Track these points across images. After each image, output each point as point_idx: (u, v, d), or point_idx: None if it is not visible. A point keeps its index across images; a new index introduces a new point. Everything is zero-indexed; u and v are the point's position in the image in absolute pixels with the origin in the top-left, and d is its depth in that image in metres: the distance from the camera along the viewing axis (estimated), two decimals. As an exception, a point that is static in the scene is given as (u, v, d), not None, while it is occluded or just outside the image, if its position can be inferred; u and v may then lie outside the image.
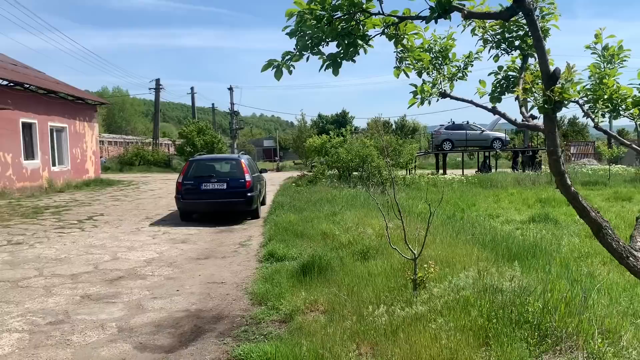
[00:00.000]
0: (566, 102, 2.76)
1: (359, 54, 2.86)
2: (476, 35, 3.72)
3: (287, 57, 2.81)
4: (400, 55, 3.20)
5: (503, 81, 3.68)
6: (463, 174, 28.69)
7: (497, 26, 3.58)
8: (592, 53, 3.42)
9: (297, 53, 2.78)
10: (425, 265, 5.80)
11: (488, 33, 3.65)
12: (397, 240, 7.34)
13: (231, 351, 4.80)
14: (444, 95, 3.73)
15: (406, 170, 27.31)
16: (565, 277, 6.20)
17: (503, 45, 3.63)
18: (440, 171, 32.26)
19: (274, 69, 2.80)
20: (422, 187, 19.78)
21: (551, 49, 3.42)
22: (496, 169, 33.33)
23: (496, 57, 3.71)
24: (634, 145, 3.57)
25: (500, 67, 3.73)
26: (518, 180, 22.77)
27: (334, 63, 2.80)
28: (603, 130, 3.65)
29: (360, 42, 2.76)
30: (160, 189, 23.53)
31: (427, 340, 4.21)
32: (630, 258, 2.56)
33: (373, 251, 7.80)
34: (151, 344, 5.10)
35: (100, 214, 14.85)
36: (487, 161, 34.26)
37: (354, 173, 21.99)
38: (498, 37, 3.62)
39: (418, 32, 3.06)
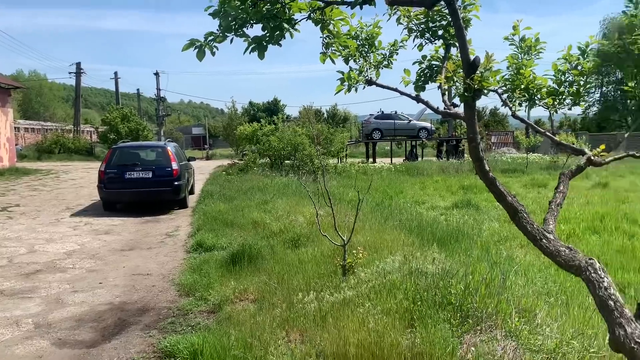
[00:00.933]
0: (486, 91, 2.86)
1: (285, 38, 2.82)
2: (401, 24, 3.78)
3: (210, 38, 2.72)
4: (326, 41, 3.20)
5: (427, 70, 3.76)
6: (392, 162, 29.33)
7: (422, 16, 3.66)
8: (510, 44, 3.56)
9: (221, 34, 2.70)
10: (354, 251, 5.89)
11: (413, 22, 3.72)
12: (328, 227, 7.39)
13: (157, 344, 4.68)
14: (370, 82, 3.77)
15: (337, 158, 27.56)
16: (485, 260, 6.48)
17: (427, 35, 3.72)
18: (370, 160, 32.82)
19: (196, 50, 2.71)
20: (352, 175, 20.06)
21: (474, 41, 3.54)
22: (422, 158, 34.30)
23: (420, 46, 3.80)
24: (547, 134, 3.77)
25: (424, 57, 3.81)
26: (442, 168, 23.59)
27: (259, 46, 2.74)
28: (520, 118, 3.82)
29: (286, 25, 2.72)
30: (82, 178, 22.47)
31: (355, 324, 4.27)
32: (544, 240, 2.68)
33: (304, 239, 7.82)
34: (71, 339, 4.88)
35: (15, 205, 13.98)
36: (414, 150, 35.19)
37: (286, 161, 21.94)
38: (422, 26, 3.70)
39: (344, 18, 3.06)
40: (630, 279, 6.94)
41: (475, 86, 2.56)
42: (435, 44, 3.75)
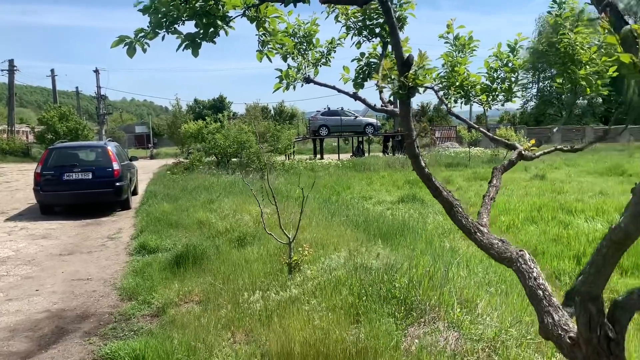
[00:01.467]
0: (421, 90, 2.90)
1: (219, 36, 2.77)
2: (340, 21, 3.79)
3: (140, 35, 2.63)
4: (262, 39, 3.17)
5: (365, 68, 3.79)
6: (339, 158, 29.55)
7: (359, 14, 3.69)
8: (445, 42, 3.64)
9: (151, 31, 2.62)
10: (300, 249, 5.88)
11: (351, 20, 3.75)
12: (275, 225, 7.35)
13: (97, 351, 4.54)
14: (308, 80, 3.77)
15: (285, 155, 27.48)
16: (429, 253, 6.61)
17: (365, 33, 3.75)
18: (318, 156, 32.94)
19: (126, 46, 2.62)
20: (300, 172, 20.07)
21: (415, 38, 3.58)
22: (369, 153, 34.72)
23: (358, 44, 3.82)
24: (481, 129, 3.88)
25: (362, 54, 3.84)
26: (389, 164, 23.95)
27: (193, 43, 2.68)
28: (455, 114, 3.92)
29: (220, 23, 2.67)
30: (17, 181, 21.44)
31: (300, 322, 4.27)
32: (478, 233, 2.76)
33: (250, 237, 7.76)
34: (5, 350, 4.66)
35: (-58, 211, 13.18)
36: (361, 146, 35.57)
37: (233, 159, 21.67)
38: (360, 24, 3.73)
39: (280, 16, 3.04)
40: (565, 266, 7.27)
41: (410, 84, 2.60)
42: (373, 41, 3.79)
